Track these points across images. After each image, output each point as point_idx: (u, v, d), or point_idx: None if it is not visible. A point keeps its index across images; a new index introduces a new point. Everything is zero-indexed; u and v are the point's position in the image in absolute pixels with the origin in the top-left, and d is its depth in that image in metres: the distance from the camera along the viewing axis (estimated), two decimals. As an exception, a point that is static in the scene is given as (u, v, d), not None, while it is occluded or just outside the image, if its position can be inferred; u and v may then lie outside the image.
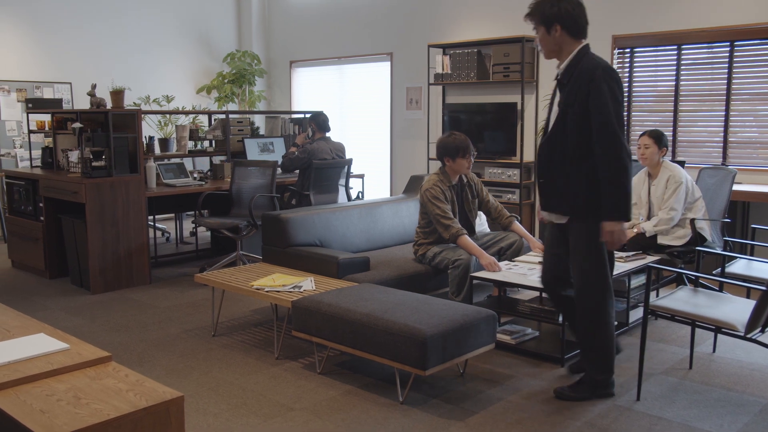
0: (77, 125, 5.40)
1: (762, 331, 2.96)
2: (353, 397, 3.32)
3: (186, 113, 8.04)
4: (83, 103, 7.57)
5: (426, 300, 3.52)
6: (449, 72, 7.15)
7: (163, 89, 8.52)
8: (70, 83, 8.03)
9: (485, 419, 3.07)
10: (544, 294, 3.95)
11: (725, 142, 5.75)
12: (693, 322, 3.11)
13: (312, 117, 6.25)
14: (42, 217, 5.73)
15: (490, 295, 4.59)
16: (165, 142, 6.62)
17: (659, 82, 6.11)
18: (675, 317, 3.17)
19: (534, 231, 6.70)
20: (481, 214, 4.78)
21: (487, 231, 4.90)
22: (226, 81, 8.96)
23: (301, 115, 7.46)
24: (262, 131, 7.81)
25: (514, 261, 4.28)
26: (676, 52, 5.96)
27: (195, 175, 6.37)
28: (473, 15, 7.28)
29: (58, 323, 4.46)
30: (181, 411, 1.96)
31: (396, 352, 3.13)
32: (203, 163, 7.64)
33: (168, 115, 7.84)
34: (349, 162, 6.21)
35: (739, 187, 5.20)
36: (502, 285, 4.09)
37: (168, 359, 3.87)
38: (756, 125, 5.64)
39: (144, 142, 6.01)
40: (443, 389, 3.40)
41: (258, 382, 3.52)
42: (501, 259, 4.36)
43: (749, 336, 2.91)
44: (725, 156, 5.76)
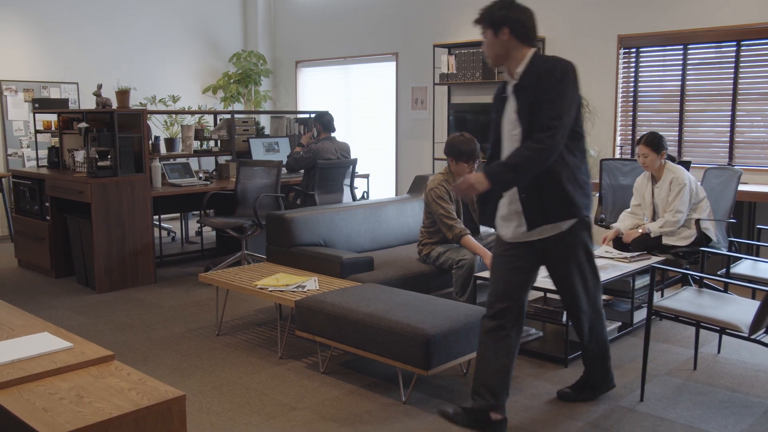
0: (83, 125, 5.42)
1: (767, 332, 2.95)
2: (356, 397, 3.32)
3: (191, 113, 8.07)
4: (90, 103, 7.59)
5: (429, 300, 3.52)
6: (454, 72, 7.14)
7: (170, 89, 8.55)
8: (76, 83, 8.07)
9: (488, 419, 3.06)
10: (548, 294, 3.95)
11: (731, 142, 5.73)
12: (697, 323, 3.10)
13: (317, 117, 6.25)
14: (48, 217, 5.76)
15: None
16: (171, 142, 6.64)
17: (665, 82, 6.09)
18: (679, 318, 3.16)
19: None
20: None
21: (491, 231, 4.89)
22: (231, 81, 8.97)
23: (306, 115, 7.47)
24: (267, 131, 7.82)
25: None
26: (682, 51, 5.93)
27: (200, 175, 6.39)
28: (477, 15, 7.26)
29: (63, 322, 4.49)
30: (183, 410, 1.97)
31: (399, 351, 3.14)
32: (209, 163, 7.67)
33: (174, 115, 7.87)
34: (354, 162, 6.21)
35: (746, 188, 5.17)
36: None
37: (172, 358, 3.89)
38: (763, 125, 5.61)
39: (150, 142, 6.04)
40: (446, 389, 3.39)
41: (261, 381, 3.53)
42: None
43: (753, 337, 2.90)
44: (731, 156, 5.73)
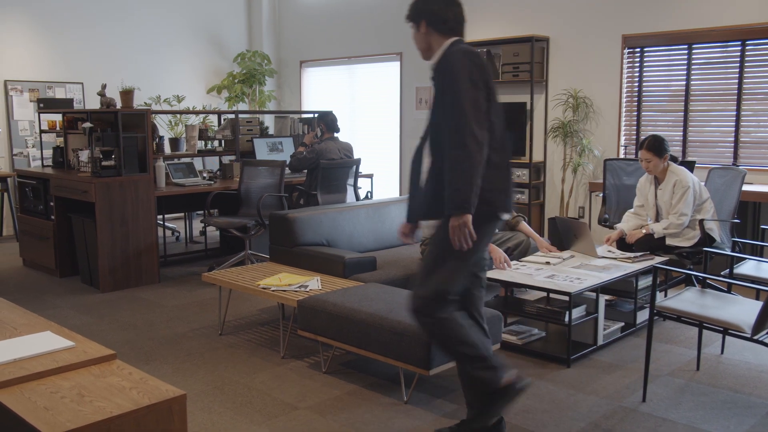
0: (87, 125, 5.44)
1: (769, 333, 2.94)
2: (357, 397, 3.32)
3: (196, 113, 8.08)
4: (95, 103, 7.62)
5: (431, 300, 3.52)
6: (458, 72, 7.12)
7: (174, 89, 8.57)
8: (81, 83, 8.09)
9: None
10: (550, 295, 3.95)
11: (736, 142, 5.71)
12: (700, 323, 3.09)
13: (320, 117, 6.25)
14: (53, 217, 5.78)
15: (497, 296, 4.58)
16: (175, 141, 6.66)
17: (670, 81, 6.07)
18: (681, 318, 3.15)
19: (542, 232, 6.68)
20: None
21: (495, 231, 4.87)
22: (236, 81, 8.99)
23: (311, 115, 7.48)
24: (271, 131, 7.83)
25: (521, 261, 4.27)
26: (686, 51, 5.92)
27: (204, 175, 6.41)
28: (482, 15, 7.26)
29: (66, 321, 4.50)
30: (184, 409, 1.98)
31: (400, 351, 3.14)
32: (213, 163, 7.68)
33: (178, 115, 7.88)
34: (357, 162, 6.21)
35: (750, 188, 5.16)
36: (508, 285, 4.08)
37: (175, 357, 3.90)
38: None
39: (154, 141, 6.05)
40: (447, 389, 3.39)
41: (263, 381, 3.53)
42: (508, 260, 4.34)
43: (756, 337, 2.89)
44: (736, 156, 5.71)
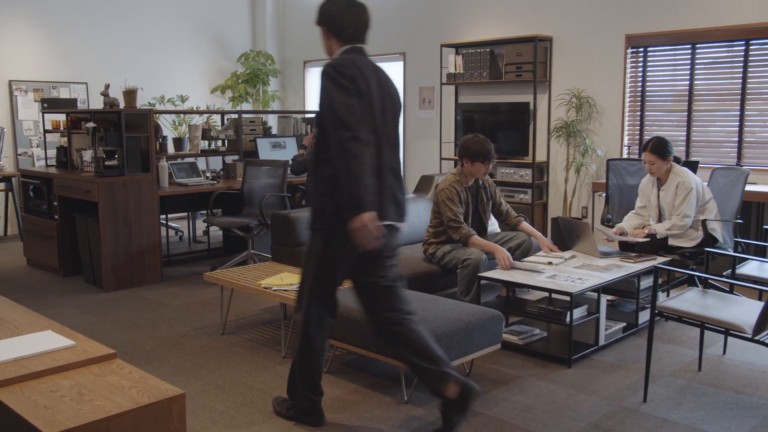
0: (91, 125, 5.46)
1: (771, 334, 2.93)
2: (358, 396, 3.33)
3: (199, 113, 8.10)
4: (99, 103, 7.64)
5: (432, 299, 3.53)
6: (462, 72, 7.13)
7: (178, 89, 8.59)
8: (85, 83, 8.12)
9: (490, 420, 3.06)
10: (552, 295, 3.94)
11: (740, 141, 5.69)
12: (701, 323, 3.09)
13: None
14: (56, 216, 5.80)
15: (499, 296, 4.58)
16: (179, 141, 6.68)
17: (673, 81, 6.05)
18: (683, 319, 3.15)
19: (545, 232, 6.68)
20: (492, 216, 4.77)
21: (497, 231, 4.88)
22: (240, 81, 9.00)
23: (314, 115, 7.48)
24: (274, 131, 7.84)
25: (523, 261, 4.27)
26: (690, 51, 5.90)
27: (207, 175, 6.42)
28: (486, 15, 7.26)
29: (69, 320, 4.52)
30: (183, 408, 1.98)
31: (401, 351, 3.14)
32: (216, 163, 7.70)
33: (182, 115, 7.90)
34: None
35: (754, 188, 5.14)
36: (510, 285, 4.08)
37: (176, 357, 3.91)
38: (771, 125, 5.58)
39: (157, 141, 6.07)
40: (449, 389, 3.39)
41: (264, 380, 3.54)
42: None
43: (757, 338, 2.88)
44: (740, 156, 5.69)
